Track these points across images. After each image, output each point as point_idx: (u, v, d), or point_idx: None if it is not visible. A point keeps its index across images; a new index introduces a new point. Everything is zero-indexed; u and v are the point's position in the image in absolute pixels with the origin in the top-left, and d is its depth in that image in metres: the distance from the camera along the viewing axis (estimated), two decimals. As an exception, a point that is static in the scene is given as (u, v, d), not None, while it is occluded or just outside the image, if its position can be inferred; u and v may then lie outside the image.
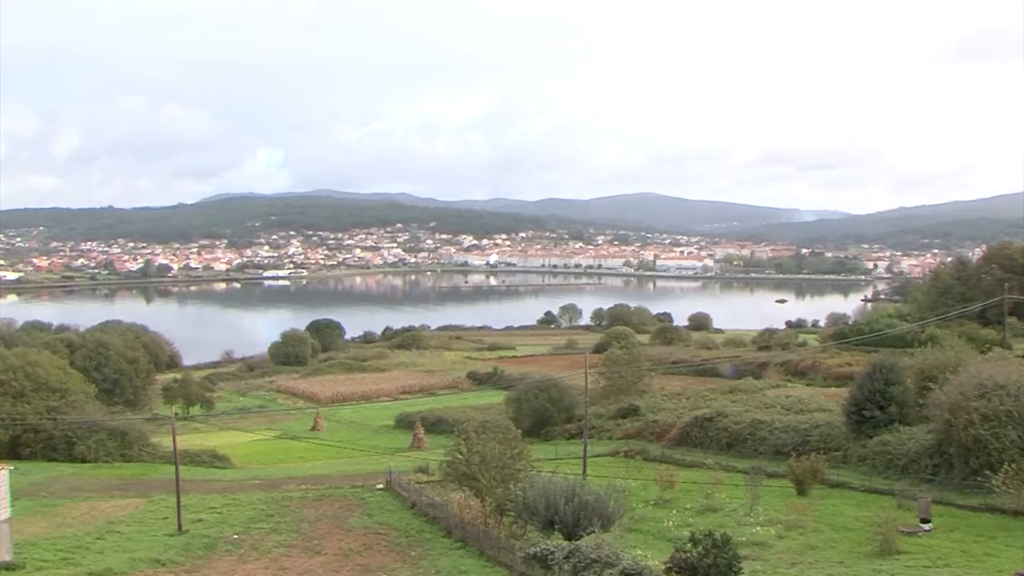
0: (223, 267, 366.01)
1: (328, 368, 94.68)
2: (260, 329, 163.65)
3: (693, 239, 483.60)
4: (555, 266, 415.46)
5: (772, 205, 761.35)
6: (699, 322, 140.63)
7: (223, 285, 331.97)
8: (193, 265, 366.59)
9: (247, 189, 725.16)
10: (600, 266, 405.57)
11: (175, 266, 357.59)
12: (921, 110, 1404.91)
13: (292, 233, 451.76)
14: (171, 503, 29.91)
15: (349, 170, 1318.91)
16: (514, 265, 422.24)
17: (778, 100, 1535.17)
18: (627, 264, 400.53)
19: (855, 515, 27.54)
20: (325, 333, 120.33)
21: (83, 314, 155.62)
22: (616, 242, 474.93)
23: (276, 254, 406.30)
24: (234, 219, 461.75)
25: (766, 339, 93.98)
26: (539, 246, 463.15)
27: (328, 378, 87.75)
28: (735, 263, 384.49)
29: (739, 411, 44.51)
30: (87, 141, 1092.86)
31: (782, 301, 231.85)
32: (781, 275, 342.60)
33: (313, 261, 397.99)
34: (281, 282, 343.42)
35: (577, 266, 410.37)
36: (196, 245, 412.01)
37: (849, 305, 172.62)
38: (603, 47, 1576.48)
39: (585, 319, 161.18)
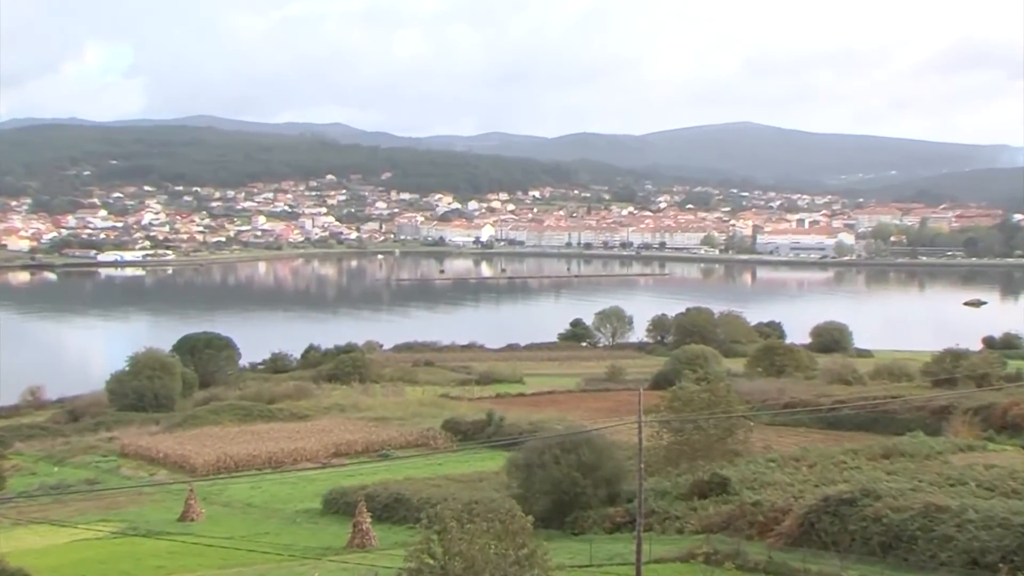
0: (26, 245, 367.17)
1: (211, 415, 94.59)
2: (92, 351, 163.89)
3: (820, 199, 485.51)
4: (588, 245, 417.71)
5: (960, 140, 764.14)
6: (830, 338, 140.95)
7: (26, 275, 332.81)
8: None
9: (67, 113, 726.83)
10: (664, 245, 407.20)
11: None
12: None
13: (149, 189, 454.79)
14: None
15: (247, 86, 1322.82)
16: (521, 244, 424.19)
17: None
18: (708, 242, 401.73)
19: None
20: (206, 356, 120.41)
21: None
22: (690, 205, 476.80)
23: (120, 223, 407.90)
24: (44, 163, 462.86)
25: (948, 368, 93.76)
26: (562, 212, 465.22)
27: (210, 431, 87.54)
28: (893, 239, 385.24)
29: (902, 489, 44.29)
30: None
31: (977, 303, 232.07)
32: (975, 259, 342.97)
33: (185, 235, 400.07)
34: (130, 270, 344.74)
35: (625, 245, 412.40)
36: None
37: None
38: None
39: (639, 333, 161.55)
